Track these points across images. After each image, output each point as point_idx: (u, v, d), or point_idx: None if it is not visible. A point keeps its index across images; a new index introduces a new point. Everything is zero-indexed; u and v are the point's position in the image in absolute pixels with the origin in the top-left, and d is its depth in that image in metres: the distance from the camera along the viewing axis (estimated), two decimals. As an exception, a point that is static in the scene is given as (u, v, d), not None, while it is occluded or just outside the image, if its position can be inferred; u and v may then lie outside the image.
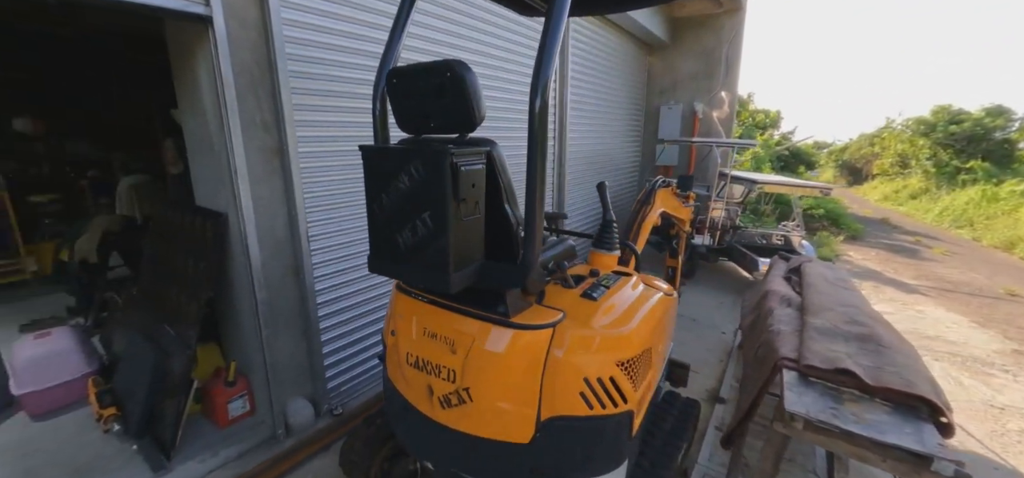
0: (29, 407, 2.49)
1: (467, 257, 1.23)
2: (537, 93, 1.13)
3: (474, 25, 3.34)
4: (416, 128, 1.39)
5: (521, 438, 1.34)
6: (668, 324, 1.87)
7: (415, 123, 1.38)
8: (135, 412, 2.29)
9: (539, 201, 1.20)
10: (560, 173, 4.84)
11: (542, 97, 1.13)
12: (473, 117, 1.25)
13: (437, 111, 1.30)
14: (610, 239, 1.80)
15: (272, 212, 2.35)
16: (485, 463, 1.41)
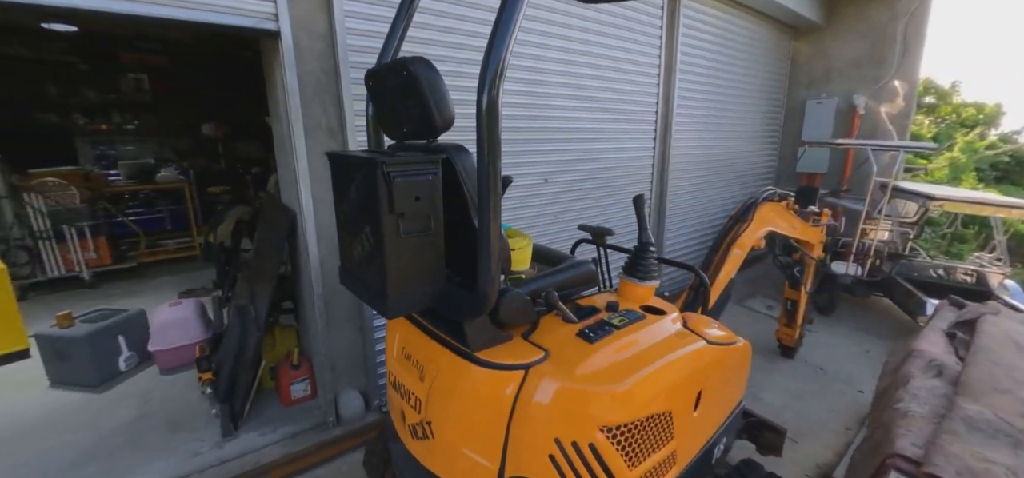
0: (159, 362, 3.11)
1: (412, 279, 1.11)
2: (485, 86, 0.96)
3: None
4: (394, 133, 1.32)
5: (480, 494, 1.18)
6: (725, 381, 1.49)
7: (391, 127, 1.31)
8: (222, 380, 2.69)
9: (493, 216, 1.02)
10: (661, 179, 4.38)
11: (490, 92, 0.96)
12: (432, 119, 1.12)
13: (405, 114, 1.21)
14: (644, 266, 1.50)
15: (331, 212, 2.54)
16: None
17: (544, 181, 3.45)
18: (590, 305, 1.43)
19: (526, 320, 1.26)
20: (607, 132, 3.79)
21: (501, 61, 0.96)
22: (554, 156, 3.46)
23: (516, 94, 3.12)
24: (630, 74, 3.84)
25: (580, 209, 3.72)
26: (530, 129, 3.26)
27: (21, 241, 4.55)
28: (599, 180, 3.82)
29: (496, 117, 0.98)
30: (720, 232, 2.50)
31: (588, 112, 3.60)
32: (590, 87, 3.56)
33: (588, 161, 3.70)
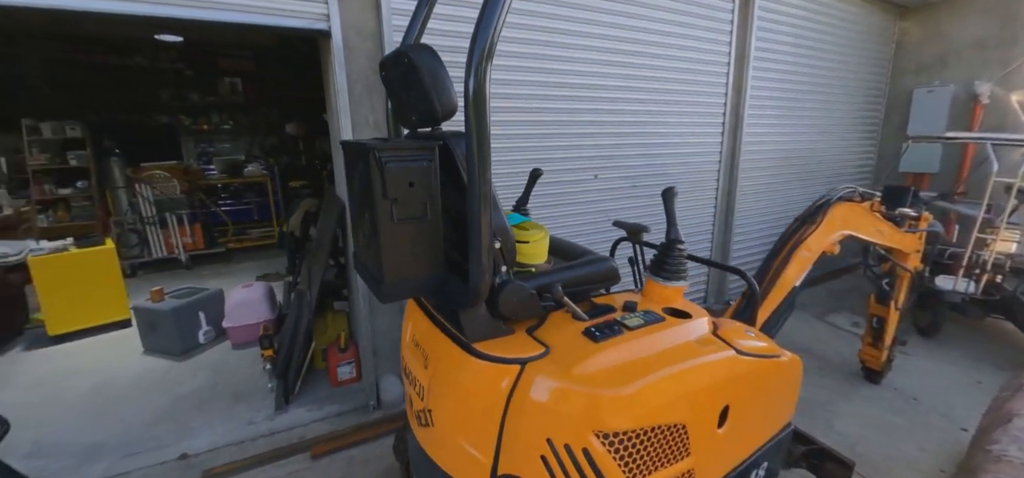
0: (231, 338, 3.47)
1: (409, 266, 1.12)
2: (471, 70, 0.95)
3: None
4: (406, 122, 1.35)
5: (475, 487, 1.17)
6: (764, 398, 1.35)
7: (403, 117, 1.34)
8: (280, 357, 2.93)
9: (483, 206, 1.01)
10: (729, 177, 4.07)
11: (477, 76, 0.94)
12: (433, 108, 1.13)
13: (409, 103, 1.23)
14: (671, 264, 1.40)
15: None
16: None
17: (594, 177, 3.36)
18: (607, 303, 1.36)
19: (528, 314, 1.23)
20: (666, 126, 3.60)
21: (488, 42, 0.94)
22: (606, 151, 3.35)
23: (559, 86, 3.06)
24: (693, 64, 3.61)
25: (633, 207, 3.57)
26: (577, 123, 3.19)
27: (133, 225, 5.30)
28: (657, 177, 3.63)
29: (483, 103, 0.96)
30: (783, 234, 2.27)
31: (644, 105, 3.44)
32: (646, 78, 3.40)
33: (644, 157, 3.54)
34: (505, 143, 2.91)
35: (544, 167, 3.00)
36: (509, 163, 2.92)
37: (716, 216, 4.17)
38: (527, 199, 1.98)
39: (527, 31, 2.88)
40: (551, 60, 2.99)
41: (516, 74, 2.88)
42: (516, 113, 2.93)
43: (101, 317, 3.69)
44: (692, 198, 3.93)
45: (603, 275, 1.39)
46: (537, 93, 2.98)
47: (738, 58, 3.84)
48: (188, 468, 2.27)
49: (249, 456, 2.33)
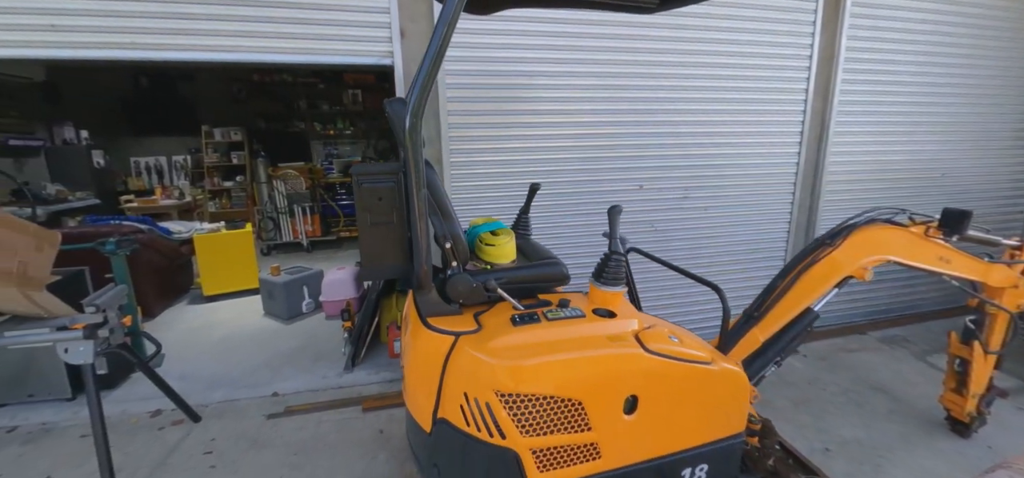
0: (326, 310, 4.34)
1: (379, 257, 1.58)
2: (407, 117, 1.36)
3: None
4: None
5: (425, 426, 1.59)
6: (687, 400, 1.55)
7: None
8: (355, 329, 3.67)
9: (419, 215, 1.42)
10: (811, 190, 3.88)
11: (410, 122, 1.36)
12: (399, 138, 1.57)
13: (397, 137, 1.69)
14: (610, 271, 1.65)
15: (429, 206, 3.22)
16: (415, 441, 1.72)
17: (639, 188, 3.53)
18: (546, 299, 1.68)
19: (474, 300, 1.61)
20: (727, 134, 3.58)
21: (416, 102, 1.35)
22: (653, 160, 3.48)
23: (600, 88, 3.30)
24: (762, 66, 3.53)
25: (683, 219, 3.64)
26: (620, 131, 3.38)
27: (270, 214, 6.71)
28: (711, 188, 3.64)
29: (416, 142, 1.37)
30: (799, 252, 2.29)
31: (700, 112, 3.48)
32: (703, 81, 3.44)
33: (696, 168, 3.58)
34: (542, 155, 3.26)
35: (580, 176, 3.33)
36: (553, 172, 3.27)
37: (791, 232, 3.99)
38: (528, 209, 2.33)
39: (569, 25, 3.12)
40: (591, 63, 3.22)
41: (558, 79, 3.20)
42: (556, 117, 3.26)
43: (238, 284, 4.87)
44: (758, 211, 3.81)
45: (549, 276, 1.71)
46: (577, 96, 3.26)
47: (823, 59, 3.65)
48: (277, 403, 3.05)
49: (318, 402, 3.04)
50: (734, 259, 3.84)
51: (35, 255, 2.31)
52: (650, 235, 3.59)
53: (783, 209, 3.90)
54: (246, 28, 2.75)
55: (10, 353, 2.81)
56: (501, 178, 3.23)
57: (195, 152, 7.89)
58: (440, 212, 1.60)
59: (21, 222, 2.32)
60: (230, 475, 2.43)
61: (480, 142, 3.16)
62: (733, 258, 3.83)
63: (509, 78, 3.12)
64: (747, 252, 3.84)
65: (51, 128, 6.39)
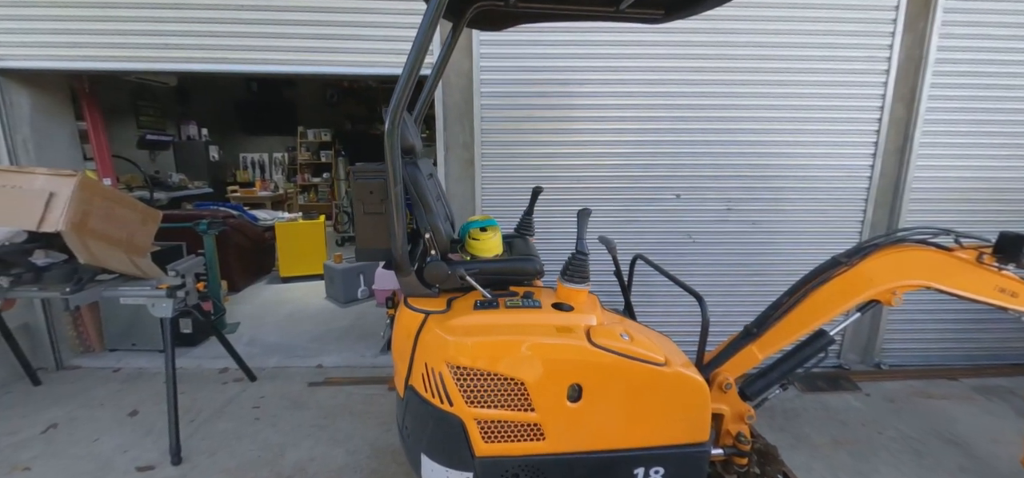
0: (376, 298, 4.85)
1: (372, 242, 1.87)
2: (388, 121, 1.64)
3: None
4: None
5: (400, 392, 1.86)
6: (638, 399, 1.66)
7: None
8: (394, 317, 4.09)
9: (395, 208, 1.70)
10: (889, 209, 3.58)
11: (389, 125, 1.63)
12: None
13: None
14: (574, 269, 1.79)
15: (462, 205, 3.52)
16: (397, 406, 2.00)
17: (676, 197, 3.52)
18: (514, 290, 1.87)
19: (449, 285, 1.85)
20: (780, 144, 3.44)
21: (394, 107, 1.63)
22: (692, 168, 3.46)
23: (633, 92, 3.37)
24: (826, 69, 3.35)
25: (724, 231, 3.56)
26: (655, 138, 3.41)
27: (345, 209, 7.53)
28: (759, 201, 3.52)
29: (393, 144, 1.64)
30: (810, 271, 2.22)
31: (749, 119, 3.39)
32: (753, 85, 3.35)
33: (744, 178, 3.47)
34: (575, 160, 3.42)
35: (613, 183, 3.43)
36: (585, 179, 3.42)
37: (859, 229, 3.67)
38: (531, 210, 2.52)
39: (604, 30, 3.26)
40: (627, 67, 3.31)
41: (593, 84, 3.34)
42: (590, 123, 3.39)
43: (308, 269, 5.60)
44: (819, 230, 3.57)
45: (520, 270, 1.90)
46: (612, 101, 3.37)
47: (907, 62, 3.36)
48: (319, 373, 3.54)
49: (353, 377, 3.47)
50: (785, 280, 3.60)
51: (140, 228, 2.97)
52: (687, 247, 3.56)
53: (850, 229, 3.63)
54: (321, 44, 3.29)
55: (121, 309, 3.59)
56: (533, 181, 3.38)
57: (291, 150, 9.09)
58: (422, 205, 1.86)
59: (131, 200, 3.00)
60: (269, 426, 2.91)
61: (513, 146, 3.40)
62: (784, 279, 3.61)
63: (542, 84, 3.32)
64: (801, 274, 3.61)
65: (179, 126, 7.79)
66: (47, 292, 2.63)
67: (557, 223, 3.44)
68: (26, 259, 2.67)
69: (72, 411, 3.08)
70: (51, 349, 3.53)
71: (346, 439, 2.80)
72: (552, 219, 3.42)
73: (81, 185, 2.51)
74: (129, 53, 3.26)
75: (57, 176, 2.50)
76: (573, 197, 3.43)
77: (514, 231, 2.55)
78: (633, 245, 3.54)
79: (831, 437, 2.98)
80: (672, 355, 1.75)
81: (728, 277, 3.58)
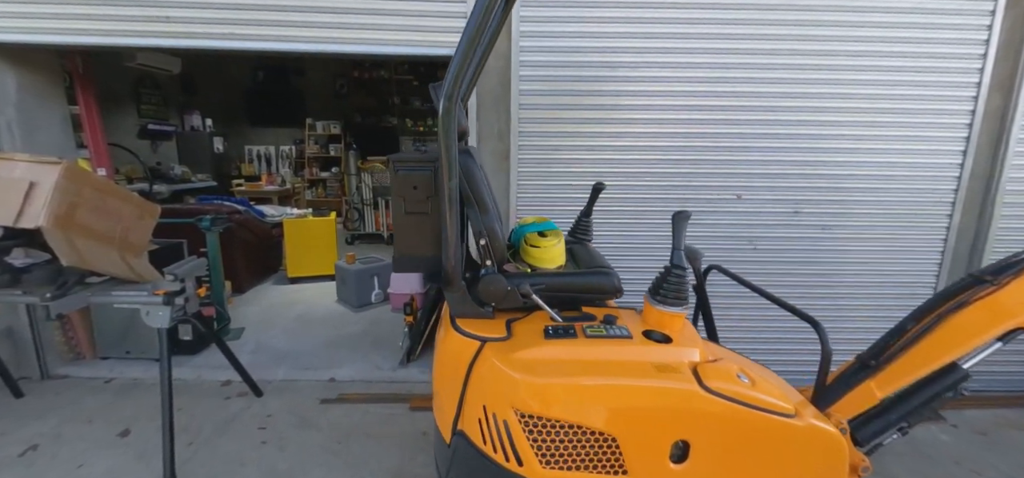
0: (392, 302, 4.50)
1: (412, 247, 1.52)
2: (440, 103, 1.28)
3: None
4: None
5: (446, 436, 1.50)
6: (766, 459, 1.30)
7: None
8: (415, 325, 3.74)
9: (449, 207, 1.34)
10: (979, 212, 3.17)
11: (444, 108, 1.28)
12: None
13: None
14: (670, 288, 1.43)
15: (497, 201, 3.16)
16: (438, 449, 1.64)
17: (737, 198, 3.14)
18: (590, 312, 1.51)
19: (508, 303, 1.49)
20: (855, 139, 3.05)
21: (451, 85, 1.27)
22: (756, 168, 3.08)
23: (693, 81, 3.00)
24: (910, 59, 2.96)
25: (791, 237, 3.17)
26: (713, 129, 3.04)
27: (356, 205, 7.19)
28: (830, 203, 3.12)
29: (449, 129, 1.29)
30: (942, 292, 1.84)
31: (819, 110, 3.00)
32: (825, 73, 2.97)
33: (812, 177, 3.08)
34: (623, 153, 3.04)
35: (665, 181, 3.06)
36: (633, 174, 3.05)
37: (944, 264, 3.27)
38: (589, 211, 2.16)
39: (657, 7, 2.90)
40: (683, 49, 2.94)
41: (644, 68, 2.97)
42: (640, 112, 3.02)
43: (318, 270, 5.26)
44: (899, 236, 3.16)
45: (597, 287, 1.53)
46: (666, 87, 2.99)
47: (1006, 46, 2.95)
48: (331, 388, 3.19)
49: (369, 393, 3.12)
50: (861, 293, 3.25)
51: (137, 223, 2.63)
52: (749, 255, 3.18)
53: (934, 235, 3.22)
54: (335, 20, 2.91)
55: (114, 313, 3.26)
56: (575, 177, 3.07)
57: (299, 143, 8.75)
58: (476, 204, 1.50)
59: (127, 192, 2.67)
60: (277, 450, 2.57)
61: (553, 137, 3.04)
62: (860, 292, 3.25)
63: (589, 67, 2.96)
64: (880, 286, 3.24)
65: (182, 116, 7.48)
66: (24, 297, 2.29)
67: (602, 226, 3.07)
68: (1, 259, 2.33)
69: (57, 427, 2.76)
70: (36, 356, 3.21)
71: (362, 465, 2.47)
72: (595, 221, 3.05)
73: (67, 174, 2.17)
74: (124, 27, 2.92)
75: (40, 164, 2.17)
76: (619, 196, 3.05)
77: (568, 236, 2.19)
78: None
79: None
80: (788, 394, 1.39)
81: (795, 289, 3.19)
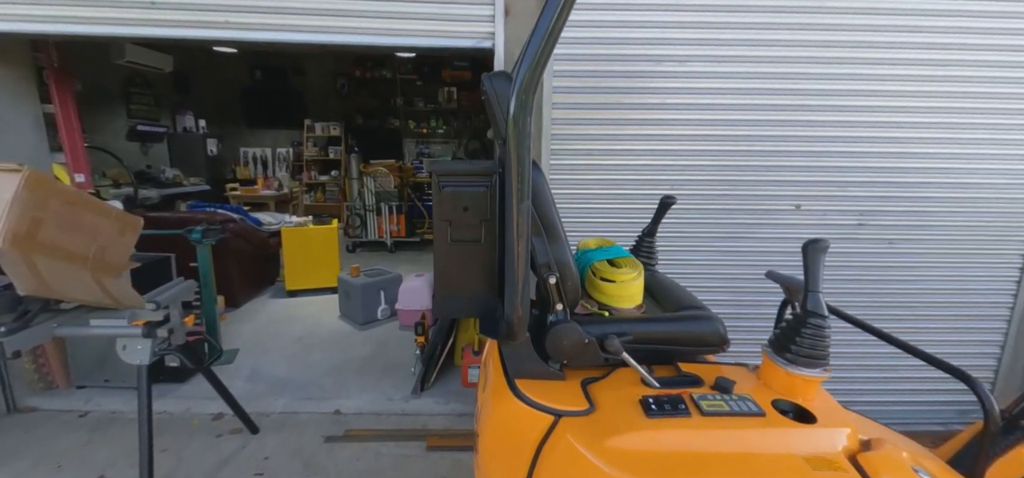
0: (401, 319, 4.14)
1: (458, 285, 1.17)
2: (512, 97, 0.94)
3: None
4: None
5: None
6: None
7: (497, 138, 1.41)
8: (428, 346, 3.38)
9: (517, 237, 0.99)
10: None
11: (517, 103, 0.94)
12: (501, 133, 1.16)
13: (495, 126, 1.28)
14: (807, 344, 1.08)
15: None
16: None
17: (796, 208, 2.80)
18: (695, 374, 1.15)
19: (584, 361, 1.14)
20: (926, 141, 2.71)
21: (530, 72, 0.93)
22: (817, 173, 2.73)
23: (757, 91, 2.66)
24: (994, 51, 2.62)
25: (855, 252, 2.84)
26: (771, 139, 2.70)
27: (358, 211, 6.82)
28: (899, 213, 2.78)
29: (523, 130, 0.95)
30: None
31: (886, 110, 2.66)
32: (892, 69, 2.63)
33: (879, 184, 2.73)
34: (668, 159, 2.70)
35: (715, 189, 2.72)
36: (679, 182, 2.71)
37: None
38: (654, 230, 1.81)
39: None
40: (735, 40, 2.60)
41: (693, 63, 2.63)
42: (687, 112, 2.68)
43: (319, 282, 4.88)
44: (974, 252, 2.84)
45: (697, 337, 1.18)
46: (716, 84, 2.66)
47: None
48: (338, 423, 2.83)
49: (380, 429, 2.76)
50: (931, 315, 2.91)
51: (116, 239, 2.27)
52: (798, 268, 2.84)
53: (1013, 249, 2.87)
54: (340, 7, 2.57)
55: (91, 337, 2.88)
56: (615, 186, 2.72)
57: (297, 146, 8.37)
58: (545, 231, 1.15)
59: (105, 205, 2.30)
60: (276, 508, 2.21)
61: (591, 141, 2.69)
62: (930, 313, 2.91)
63: (631, 61, 2.61)
64: (952, 308, 2.90)
65: (174, 116, 7.09)
66: (-24, 330, 1.92)
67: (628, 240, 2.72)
68: (-50, 285, 1.96)
69: (23, 471, 2.39)
70: (1, 387, 2.83)
71: (379, 526, 2.10)
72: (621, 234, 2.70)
73: (30, 184, 1.82)
74: (105, 14, 2.55)
75: (-2, 172, 1.81)
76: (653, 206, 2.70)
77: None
78: (737, 269, 2.84)
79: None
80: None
81: (856, 310, 2.84)
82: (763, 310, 2.85)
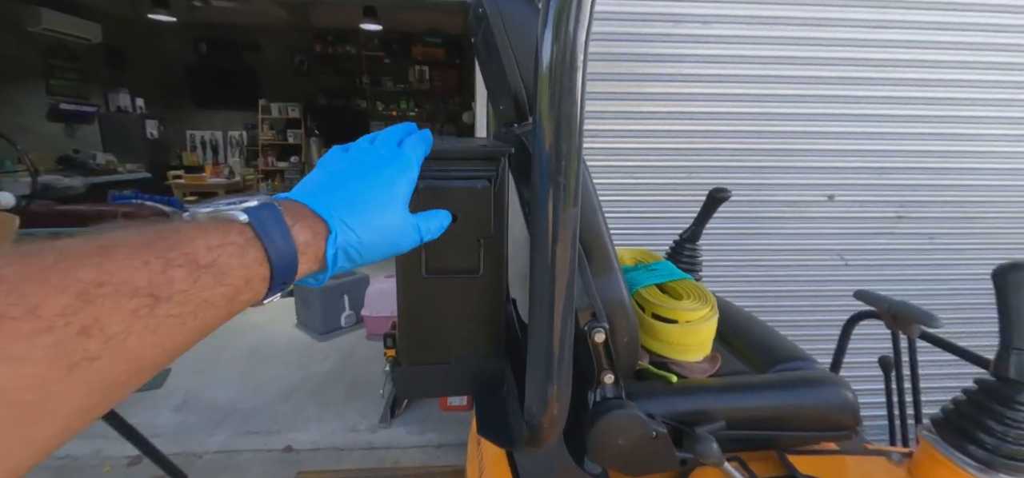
0: (367, 326, 3.64)
1: (437, 345, 0.70)
2: (546, 29, 0.47)
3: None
4: (498, 114, 0.95)
5: None
6: None
7: (494, 105, 0.95)
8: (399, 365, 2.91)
9: (556, 272, 0.53)
10: None
11: (559, 42, 0.46)
12: (516, 91, 0.70)
13: (493, 84, 0.82)
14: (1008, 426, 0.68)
15: (510, 207, 2.35)
16: None
17: (829, 199, 2.43)
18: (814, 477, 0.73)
19: (648, 468, 0.70)
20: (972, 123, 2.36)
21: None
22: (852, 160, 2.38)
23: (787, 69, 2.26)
24: None
25: (891, 249, 2.50)
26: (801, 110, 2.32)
27: (321, 200, 6.23)
28: (941, 205, 2.45)
29: (573, 86, 0.48)
30: None
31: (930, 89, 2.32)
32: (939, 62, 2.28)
33: (920, 172, 2.41)
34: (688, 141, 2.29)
35: (741, 177, 2.32)
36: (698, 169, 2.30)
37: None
38: (699, 234, 1.37)
39: None
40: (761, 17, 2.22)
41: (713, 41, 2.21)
42: (708, 85, 2.27)
43: (274, 282, 4.32)
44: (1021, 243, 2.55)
45: (821, 416, 0.75)
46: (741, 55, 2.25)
47: None
48: (288, 462, 2.34)
49: (341, 470, 2.29)
50: (976, 317, 2.60)
51: (-18, 243, 1.71)
52: (838, 272, 2.49)
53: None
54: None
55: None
56: (631, 174, 2.29)
57: (252, 128, 7.65)
58: (585, 252, 0.70)
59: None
60: None
61: (597, 119, 2.24)
62: (975, 317, 2.60)
63: (651, 41, 2.17)
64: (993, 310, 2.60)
65: (107, 94, 6.30)
66: None
67: (639, 238, 2.31)
68: None
69: None
70: None
71: None
72: (655, 235, 2.29)
73: None
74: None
75: None
76: (683, 197, 2.30)
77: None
78: (758, 270, 2.46)
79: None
80: None
81: (893, 315, 2.52)
82: (782, 316, 2.49)
